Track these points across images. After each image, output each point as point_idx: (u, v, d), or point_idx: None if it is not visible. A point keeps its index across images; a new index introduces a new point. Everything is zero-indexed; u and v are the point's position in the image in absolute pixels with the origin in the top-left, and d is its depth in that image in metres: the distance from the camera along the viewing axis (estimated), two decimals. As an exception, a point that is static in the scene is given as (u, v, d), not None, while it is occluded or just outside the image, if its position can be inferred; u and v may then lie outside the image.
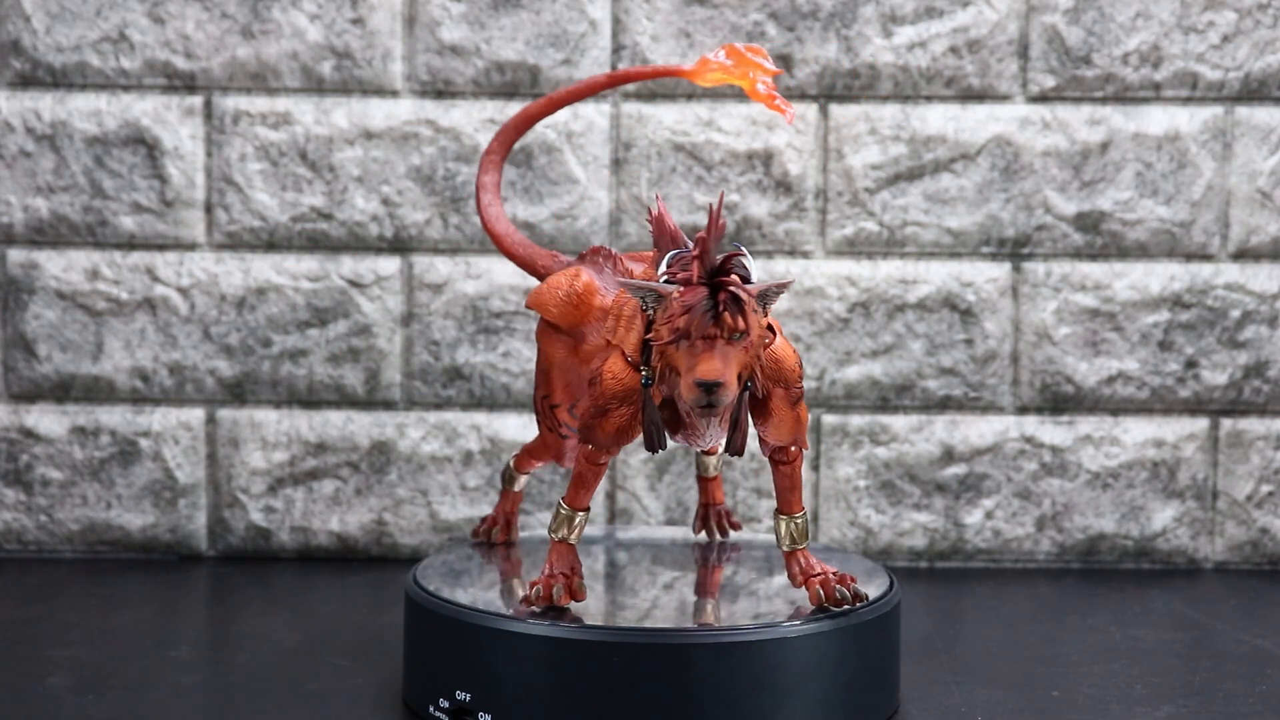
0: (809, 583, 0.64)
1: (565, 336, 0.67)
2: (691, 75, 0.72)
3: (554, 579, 0.63)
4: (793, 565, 0.65)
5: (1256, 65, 0.95)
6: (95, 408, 0.96)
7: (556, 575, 0.63)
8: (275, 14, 0.94)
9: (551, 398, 0.68)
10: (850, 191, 0.95)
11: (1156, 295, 0.96)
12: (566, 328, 0.67)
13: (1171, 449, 0.96)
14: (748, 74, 0.71)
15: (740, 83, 0.71)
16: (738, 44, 0.72)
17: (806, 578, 0.64)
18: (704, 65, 0.71)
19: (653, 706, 0.60)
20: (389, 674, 0.72)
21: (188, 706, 0.68)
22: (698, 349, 0.57)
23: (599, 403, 0.61)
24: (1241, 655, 0.78)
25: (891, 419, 0.96)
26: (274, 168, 0.95)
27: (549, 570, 0.64)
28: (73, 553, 0.97)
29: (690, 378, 0.56)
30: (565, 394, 0.68)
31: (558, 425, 0.68)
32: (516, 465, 0.75)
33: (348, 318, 0.96)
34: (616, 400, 0.61)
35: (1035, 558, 0.97)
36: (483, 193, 0.73)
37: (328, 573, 0.94)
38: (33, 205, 0.95)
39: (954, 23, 0.95)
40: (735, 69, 0.71)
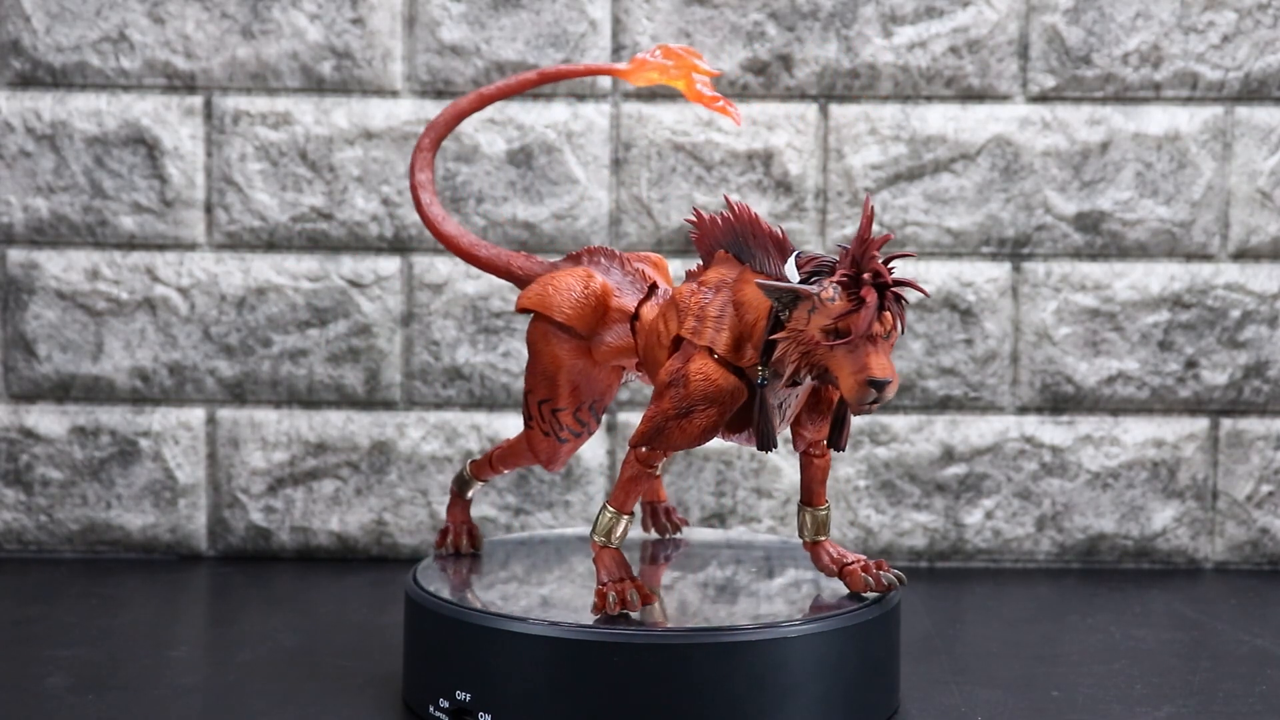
0: (848, 571, 0.66)
1: (575, 339, 0.66)
2: (626, 75, 0.70)
3: (618, 585, 0.63)
4: (822, 556, 0.67)
5: (1256, 65, 0.95)
6: (95, 408, 0.96)
7: (620, 582, 0.63)
8: (275, 14, 0.94)
9: (554, 401, 0.67)
10: (850, 191, 0.95)
11: (1156, 295, 0.96)
12: (582, 330, 0.66)
13: (1171, 449, 0.96)
14: (686, 74, 0.69)
15: (676, 84, 0.69)
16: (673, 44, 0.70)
17: (842, 567, 0.66)
18: (640, 65, 0.70)
19: (653, 706, 0.60)
20: (389, 674, 0.72)
21: (188, 706, 0.68)
22: (860, 348, 0.56)
23: (684, 404, 0.61)
24: (1241, 655, 0.78)
25: (891, 419, 0.96)
26: (274, 168, 0.95)
27: (605, 578, 0.63)
28: (73, 553, 0.97)
29: (862, 376, 0.56)
30: (571, 398, 0.67)
31: (558, 429, 0.68)
32: (475, 472, 0.74)
33: (348, 318, 0.96)
34: (706, 401, 0.60)
35: (1035, 558, 0.97)
36: (421, 191, 0.72)
37: (328, 573, 0.94)
38: (33, 205, 0.95)
39: (954, 23, 0.95)
40: (673, 69, 0.69)
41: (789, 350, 0.59)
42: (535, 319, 0.67)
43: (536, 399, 0.68)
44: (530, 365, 0.68)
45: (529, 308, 0.67)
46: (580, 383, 0.67)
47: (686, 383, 0.60)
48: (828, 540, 0.67)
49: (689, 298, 0.62)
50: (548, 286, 0.67)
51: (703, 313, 0.61)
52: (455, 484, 0.75)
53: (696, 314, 0.61)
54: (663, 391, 0.61)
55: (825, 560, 0.67)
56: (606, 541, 0.63)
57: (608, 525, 0.63)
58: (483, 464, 0.73)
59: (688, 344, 0.61)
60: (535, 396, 0.68)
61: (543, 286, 0.67)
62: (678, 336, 0.62)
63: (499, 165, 0.95)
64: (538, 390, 0.67)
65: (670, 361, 0.62)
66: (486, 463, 0.73)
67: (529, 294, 0.68)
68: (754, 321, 0.60)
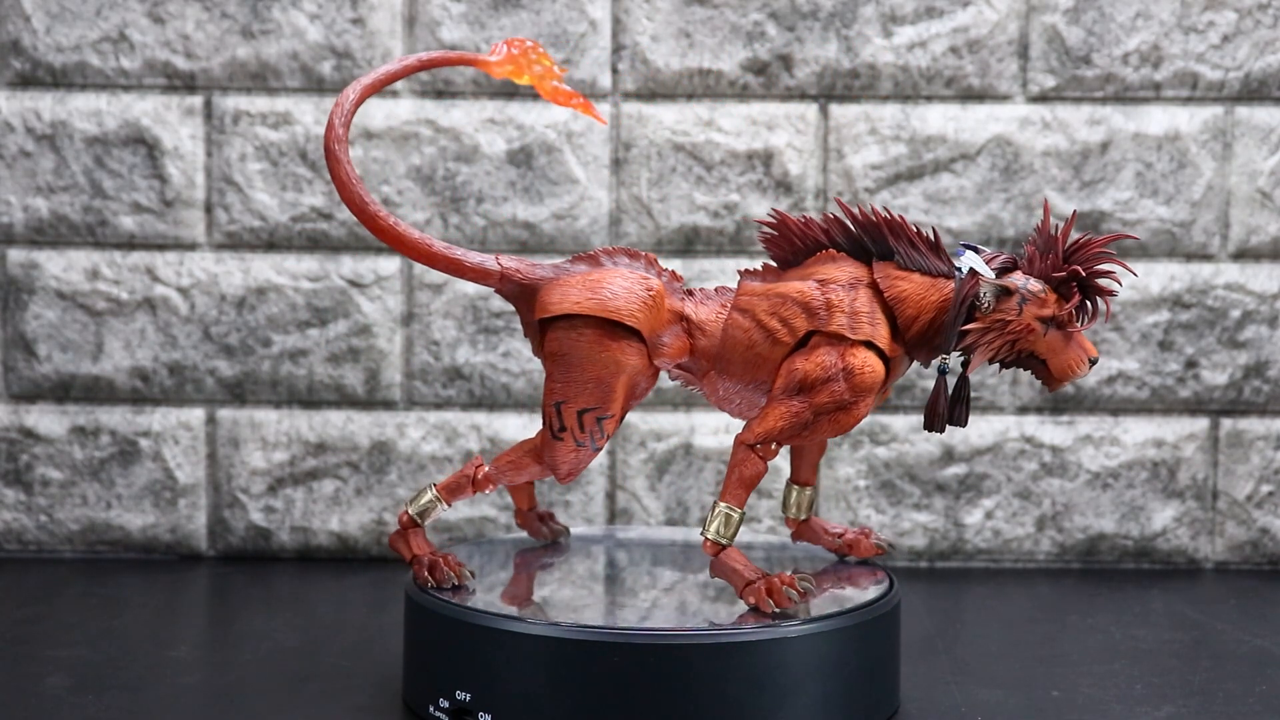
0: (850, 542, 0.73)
1: (638, 343, 0.64)
2: (489, 67, 0.68)
3: (769, 581, 0.63)
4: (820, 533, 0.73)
5: (1256, 65, 0.95)
6: (95, 408, 0.96)
7: (765, 579, 0.64)
8: (275, 14, 0.94)
9: (603, 409, 0.64)
10: (850, 191, 0.95)
11: (1156, 295, 0.96)
12: (647, 333, 0.64)
13: (1171, 449, 0.96)
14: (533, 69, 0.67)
15: (528, 81, 0.67)
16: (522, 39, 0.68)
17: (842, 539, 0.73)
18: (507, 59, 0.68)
19: (653, 706, 0.60)
20: (389, 674, 0.72)
21: (188, 706, 0.68)
22: (1069, 333, 0.64)
23: (849, 396, 0.63)
24: (1241, 655, 0.78)
25: (891, 419, 0.96)
26: (274, 168, 0.95)
27: (750, 576, 0.64)
28: (73, 553, 0.97)
29: (1083, 354, 0.64)
30: (624, 405, 0.65)
31: (595, 439, 0.64)
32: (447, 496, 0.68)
33: (348, 318, 0.96)
34: (868, 392, 0.63)
35: (1035, 558, 0.97)
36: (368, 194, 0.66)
37: (328, 573, 0.94)
38: (33, 205, 0.95)
39: (954, 23, 0.95)
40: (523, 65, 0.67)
41: (988, 338, 0.64)
42: (581, 324, 0.64)
43: (576, 409, 0.64)
44: (569, 374, 0.64)
45: (587, 312, 0.63)
46: (632, 388, 0.65)
47: (852, 375, 0.63)
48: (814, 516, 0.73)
49: (821, 296, 0.64)
50: (599, 290, 0.64)
51: (853, 309, 0.64)
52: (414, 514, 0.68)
53: (847, 311, 0.63)
54: (809, 387, 0.63)
55: (824, 536, 0.73)
56: (729, 541, 0.64)
57: (731, 524, 0.64)
58: (460, 486, 0.68)
59: (835, 339, 0.63)
60: (574, 406, 0.64)
61: (590, 290, 0.64)
62: (810, 332, 0.64)
63: (499, 165, 0.95)
64: (579, 399, 0.64)
65: (818, 356, 0.63)
66: (467, 483, 0.68)
67: (575, 298, 0.64)
68: (916, 314, 0.64)
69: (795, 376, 0.63)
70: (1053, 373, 0.64)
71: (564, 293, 0.64)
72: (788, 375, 0.63)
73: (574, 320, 0.64)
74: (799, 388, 0.63)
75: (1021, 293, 0.63)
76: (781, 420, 0.63)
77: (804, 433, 0.63)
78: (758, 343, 0.64)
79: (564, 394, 0.64)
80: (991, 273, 0.64)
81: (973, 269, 0.64)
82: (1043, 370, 0.64)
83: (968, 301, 0.63)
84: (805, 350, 0.64)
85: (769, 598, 0.63)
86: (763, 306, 0.65)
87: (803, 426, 0.63)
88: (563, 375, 0.64)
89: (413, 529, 0.68)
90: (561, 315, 0.64)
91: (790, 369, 0.63)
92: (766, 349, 0.64)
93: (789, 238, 0.66)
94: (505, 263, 0.66)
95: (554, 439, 0.65)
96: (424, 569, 0.67)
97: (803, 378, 0.63)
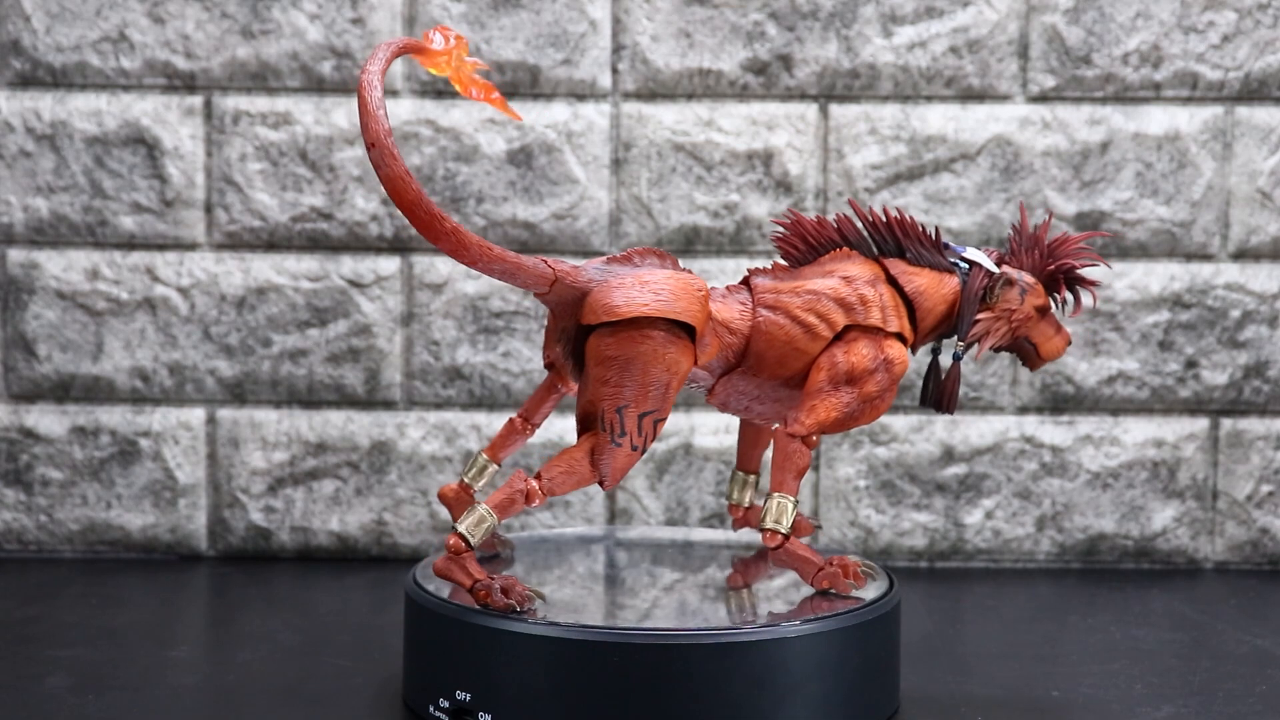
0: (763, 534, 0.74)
1: (691, 343, 0.63)
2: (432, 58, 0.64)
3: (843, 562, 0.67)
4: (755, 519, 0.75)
5: (1256, 65, 0.95)
6: (95, 408, 0.96)
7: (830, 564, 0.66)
8: (275, 14, 0.94)
9: (660, 412, 0.63)
10: (850, 191, 0.95)
11: (1156, 295, 0.96)
12: (701, 333, 0.64)
13: (1171, 449, 0.96)
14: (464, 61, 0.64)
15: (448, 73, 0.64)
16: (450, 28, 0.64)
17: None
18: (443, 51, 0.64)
19: (653, 706, 0.60)
20: (389, 674, 0.72)
21: (188, 706, 0.68)
22: (1051, 319, 0.70)
23: (886, 385, 0.66)
24: (1241, 655, 0.78)
25: (891, 419, 0.96)
26: (274, 168, 0.95)
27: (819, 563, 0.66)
28: (73, 553, 0.97)
29: (1065, 335, 0.71)
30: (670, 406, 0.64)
31: (648, 442, 0.64)
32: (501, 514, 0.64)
33: (348, 318, 0.96)
34: (897, 380, 0.67)
35: (1035, 558, 0.97)
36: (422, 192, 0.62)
37: (328, 573, 0.94)
38: (33, 205, 0.95)
39: (954, 23, 0.95)
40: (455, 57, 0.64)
41: (996, 326, 0.69)
42: (646, 325, 0.62)
43: (638, 412, 0.62)
44: (633, 377, 0.62)
45: (656, 314, 0.62)
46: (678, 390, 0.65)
47: (891, 366, 0.66)
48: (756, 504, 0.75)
49: (853, 291, 0.66)
50: (660, 291, 0.63)
51: (884, 303, 0.67)
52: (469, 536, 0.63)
53: (878, 305, 0.66)
54: (856, 378, 0.65)
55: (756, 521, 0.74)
56: (789, 531, 0.66)
57: (791, 515, 0.65)
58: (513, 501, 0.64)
59: (872, 332, 0.66)
60: (636, 410, 0.62)
61: (653, 291, 0.63)
62: (849, 326, 0.66)
63: (499, 165, 0.95)
64: (642, 402, 0.62)
65: (860, 348, 0.66)
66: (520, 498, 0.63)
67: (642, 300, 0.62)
68: (931, 307, 0.68)
69: (841, 369, 0.65)
70: (1044, 356, 0.70)
71: (626, 295, 0.63)
72: (831, 368, 0.65)
73: (639, 322, 0.62)
74: (846, 379, 0.65)
75: (1021, 284, 0.68)
76: (834, 411, 0.65)
77: (849, 423, 0.66)
78: (796, 338, 0.66)
79: (627, 398, 0.62)
80: (995, 267, 0.68)
81: (978, 263, 0.68)
82: (1033, 354, 0.70)
83: (981, 293, 0.68)
84: (843, 344, 0.66)
85: (847, 579, 0.66)
86: (796, 303, 0.66)
87: (850, 416, 0.66)
88: (626, 379, 0.62)
89: (468, 553, 0.63)
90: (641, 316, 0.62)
91: (833, 362, 0.66)
92: (805, 344, 0.66)
93: (803, 237, 0.68)
94: (556, 266, 0.64)
95: (613, 445, 0.63)
96: (496, 593, 0.62)
97: (848, 369, 0.65)
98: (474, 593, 0.62)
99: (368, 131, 0.60)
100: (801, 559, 0.66)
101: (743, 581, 0.72)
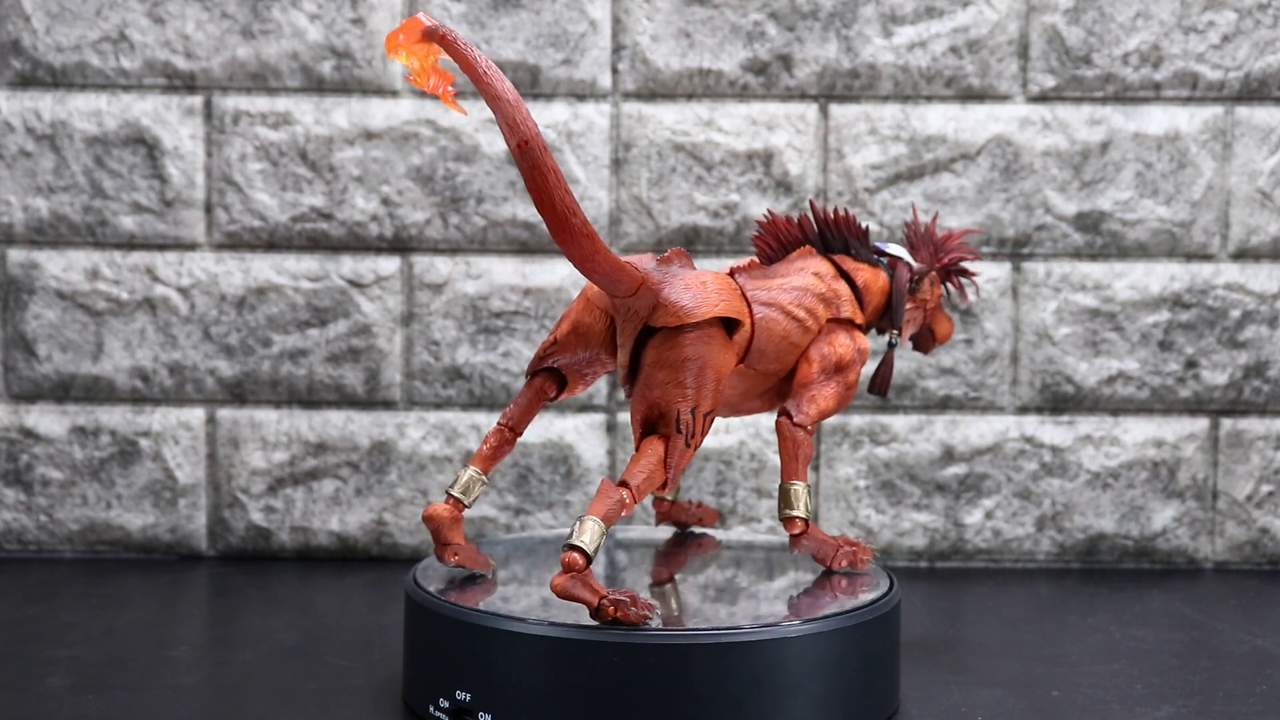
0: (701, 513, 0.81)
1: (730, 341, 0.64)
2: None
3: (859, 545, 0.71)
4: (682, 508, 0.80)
5: (1256, 65, 0.95)
6: (95, 408, 0.96)
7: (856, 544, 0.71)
8: (275, 14, 0.94)
9: (716, 409, 0.64)
10: (850, 191, 0.95)
11: (1156, 295, 0.96)
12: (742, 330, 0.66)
13: (1171, 449, 0.96)
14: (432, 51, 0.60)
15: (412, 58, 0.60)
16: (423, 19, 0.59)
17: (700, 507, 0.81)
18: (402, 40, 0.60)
19: (653, 706, 0.60)
20: (389, 674, 0.72)
21: (188, 706, 0.68)
22: (941, 307, 0.77)
23: (855, 374, 0.70)
24: (1241, 655, 0.78)
25: (891, 419, 0.96)
26: (274, 168, 0.95)
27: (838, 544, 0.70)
28: (73, 553, 0.97)
29: (950, 325, 0.77)
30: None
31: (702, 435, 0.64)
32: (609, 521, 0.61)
33: (348, 318, 0.96)
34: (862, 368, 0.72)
35: (1035, 558, 0.97)
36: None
37: (328, 573, 0.94)
38: (33, 205, 0.95)
39: (954, 23, 0.95)
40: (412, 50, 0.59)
41: (915, 314, 0.74)
42: (708, 326, 0.63)
43: (704, 411, 0.63)
44: (702, 378, 0.63)
45: (725, 314, 0.63)
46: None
47: (863, 355, 0.70)
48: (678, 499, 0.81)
49: (827, 287, 0.70)
50: (722, 291, 0.64)
51: (849, 297, 0.71)
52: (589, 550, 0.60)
53: (847, 299, 0.70)
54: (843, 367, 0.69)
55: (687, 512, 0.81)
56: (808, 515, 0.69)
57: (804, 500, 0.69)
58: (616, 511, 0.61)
59: (845, 324, 0.70)
60: (703, 409, 0.63)
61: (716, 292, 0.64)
62: (834, 319, 0.69)
63: (499, 165, 0.95)
64: (704, 402, 0.63)
65: (841, 339, 0.69)
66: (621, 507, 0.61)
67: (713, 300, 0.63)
68: (873, 299, 0.72)
69: (831, 359, 0.69)
70: (939, 340, 0.77)
71: (694, 296, 0.63)
72: (822, 360, 0.69)
73: (703, 324, 0.63)
74: (835, 369, 0.69)
75: (930, 277, 0.75)
76: (831, 400, 0.69)
77: (837, 410, 0.70)
78: (791, 332, 0.68)
79: (697, 398, 0.63)
80: (913, 261, 0.74)
81: (900, 258, 0.73)
82: (930, 339, 0.77)
83: (908, 286, 0.73)
84: (824, 336, 0.69)
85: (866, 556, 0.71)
86: (787, 299, 0.68)
87: (839, 404, 0.69)
88: (697, 380, 0.62)
89: (588, 569, 0.61)
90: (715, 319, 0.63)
91: (822, 354, 0.69)
92: (799, 337, 0.68)
93: (776, 235, 0.71)
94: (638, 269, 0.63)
95: (685, 446, 0.63)
96: (629, 609, 0.61)
97: (838, 360, 0.69)
98: (600, 610, 0.60)
99: (522, 128, 0.58)
100: (821, 541, 0.70)
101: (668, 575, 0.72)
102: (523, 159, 0.58)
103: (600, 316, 0.65)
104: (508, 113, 0.58)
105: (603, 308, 0.65)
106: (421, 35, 0.59)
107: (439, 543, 0.68)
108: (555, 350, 0.66)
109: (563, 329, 0.66)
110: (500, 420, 0.68)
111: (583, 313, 0.66)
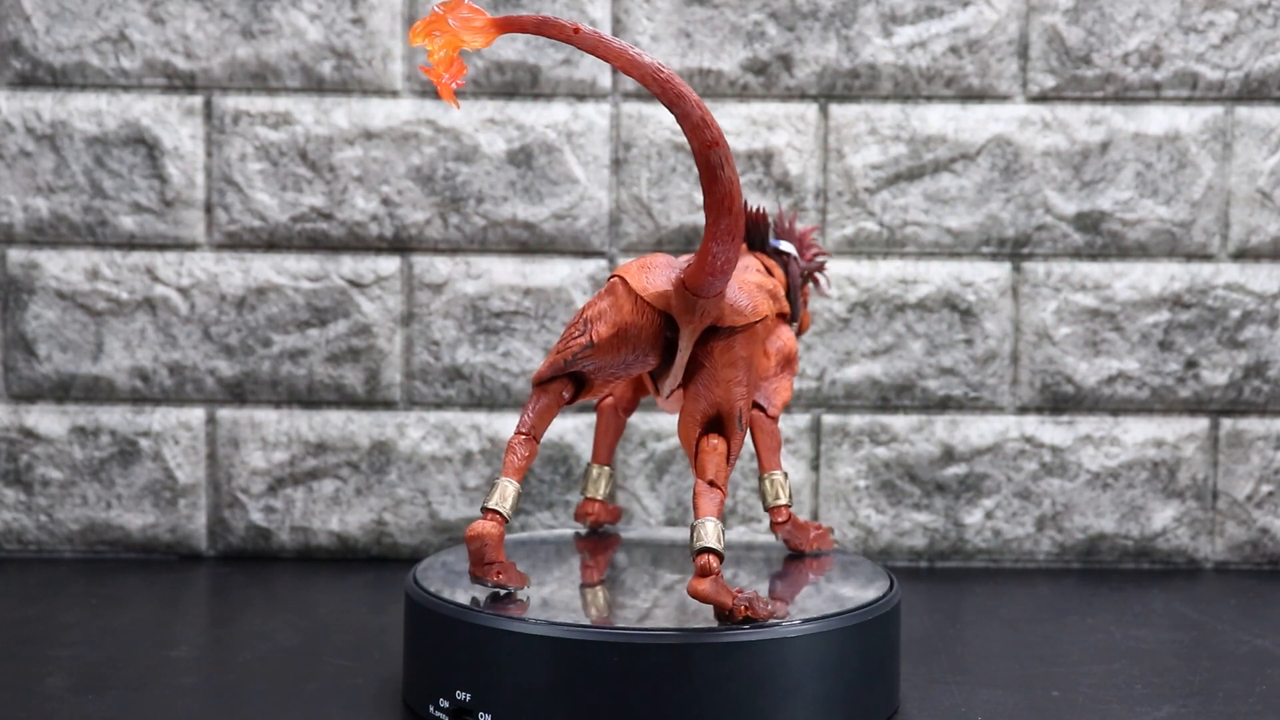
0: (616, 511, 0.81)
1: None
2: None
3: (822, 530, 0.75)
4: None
5: (1256, 65, 0.95)
6: (95, 408, 0.96)
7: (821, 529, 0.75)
8: (275, 14, 0.94)
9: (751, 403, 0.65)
10: (850, 191, 0.95)
11: (1156, 295, 0.96)
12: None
13: (1171, 449, 0.96)
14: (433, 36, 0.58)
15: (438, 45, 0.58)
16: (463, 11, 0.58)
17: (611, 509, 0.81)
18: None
19: (653, 706, 0.60)
20: (389, 674, 0.72)
21: (188, 706, 0.68)
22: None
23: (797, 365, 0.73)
24: (1241, 655, 0.78)
25: (891, 419, 0.96)
26: (274, 168, 0.95)
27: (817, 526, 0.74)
28: (73, 553, 0.97)
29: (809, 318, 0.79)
30: None
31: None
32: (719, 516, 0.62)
33: (348, 318, 0.96)
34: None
35: (1035, 558, 0.97)
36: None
37: (328, 573, 0.94)
38: (33, 205, 0.95)
39: (954, 23, 0.95)
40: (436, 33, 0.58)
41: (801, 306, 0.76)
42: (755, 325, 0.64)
43: (750, 403, 0.64)
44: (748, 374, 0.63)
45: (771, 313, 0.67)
46: None
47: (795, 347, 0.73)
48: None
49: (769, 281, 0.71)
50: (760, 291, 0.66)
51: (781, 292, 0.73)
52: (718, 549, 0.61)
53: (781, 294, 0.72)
54: (790, 360, 0.72)
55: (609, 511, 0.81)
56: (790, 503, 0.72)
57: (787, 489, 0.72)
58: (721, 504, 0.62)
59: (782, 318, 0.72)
60: (749, 402, 0.64)
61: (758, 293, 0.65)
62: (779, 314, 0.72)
63: (499, 165, 0.95)
64: (752, 394, 0.64)
65: (784, 333, 0.72)
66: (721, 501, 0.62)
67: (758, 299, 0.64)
68: (785, 293, 0.74)
69: (783, 353, 0.71)
70: (803, 329, 0.78)
71: (746, 296, 0.64)
72: (777, 354, 0.71)
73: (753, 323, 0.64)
74: (784, 362, 0.71)
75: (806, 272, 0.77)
76: (787, 391, 0.72)
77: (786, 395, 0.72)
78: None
79: (749, 394, 0.63)
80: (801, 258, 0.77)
81: (789, 254, 0.76)
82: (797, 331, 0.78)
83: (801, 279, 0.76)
84: (774, 331, 0.71)
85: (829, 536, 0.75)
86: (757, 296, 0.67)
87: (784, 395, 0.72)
88: (748, 377, 0.63)
89: (719, 570, 0.61)
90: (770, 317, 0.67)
91: (776, 348, 0.71)
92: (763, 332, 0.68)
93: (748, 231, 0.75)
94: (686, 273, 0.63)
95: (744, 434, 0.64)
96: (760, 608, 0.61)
97: (788, 353, 0.71)
98: (733, 610, 0.60)
99: (708, 130, 0.58)
100: (802, 526, 0.74)
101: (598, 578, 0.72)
102: (710, 159, 0.58)
103: (654, 317, 0.62)
104: (694, 113, 0.57)
105: (661, 308, 0.62)
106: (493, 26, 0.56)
107: (482, 561, 0.64)
108: (592, 354, 0.63)
109: (601, 332, 0.63)
110: (520, 430, 0.65)
111: (633, 314, 0.62)
